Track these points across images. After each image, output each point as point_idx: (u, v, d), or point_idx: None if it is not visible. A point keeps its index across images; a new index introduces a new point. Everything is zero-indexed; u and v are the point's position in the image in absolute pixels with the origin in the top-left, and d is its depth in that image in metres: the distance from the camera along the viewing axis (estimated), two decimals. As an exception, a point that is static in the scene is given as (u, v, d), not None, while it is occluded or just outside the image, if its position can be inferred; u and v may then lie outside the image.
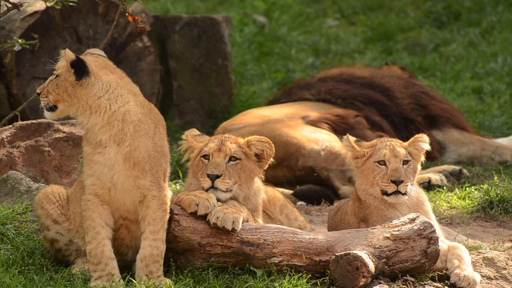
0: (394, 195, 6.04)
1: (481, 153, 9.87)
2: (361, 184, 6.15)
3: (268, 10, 15.13)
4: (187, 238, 5.75)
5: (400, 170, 6.03)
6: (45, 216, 5.93)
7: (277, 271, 5.75)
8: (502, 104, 11.98)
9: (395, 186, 6.02)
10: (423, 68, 13.65)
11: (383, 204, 6.11)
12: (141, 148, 5.56)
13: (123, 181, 5.57)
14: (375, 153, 6.12)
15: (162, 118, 5.74)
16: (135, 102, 5.62)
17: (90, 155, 5.59)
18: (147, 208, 5.61)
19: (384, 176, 6.06)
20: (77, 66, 5.56)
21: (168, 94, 11.07)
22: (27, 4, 9.31)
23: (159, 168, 5.60)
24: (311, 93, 9.87)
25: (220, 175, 5.89)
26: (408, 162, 6.08)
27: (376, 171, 6.08)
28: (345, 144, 6.22)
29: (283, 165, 8.91)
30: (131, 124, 5.57)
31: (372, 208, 6.12)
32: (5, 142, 7.43)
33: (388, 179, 6.03)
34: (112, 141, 5.56)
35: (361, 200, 6.16)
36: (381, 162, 6.09)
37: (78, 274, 5.73)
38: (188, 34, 11.06)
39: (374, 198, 6.12)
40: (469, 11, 15.41)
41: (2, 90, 9.79)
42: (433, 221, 6.07)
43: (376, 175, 6.08)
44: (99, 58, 5.72)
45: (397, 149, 6.09)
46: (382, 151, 6.09)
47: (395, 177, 6.02)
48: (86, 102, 5.57)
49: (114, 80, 5.62)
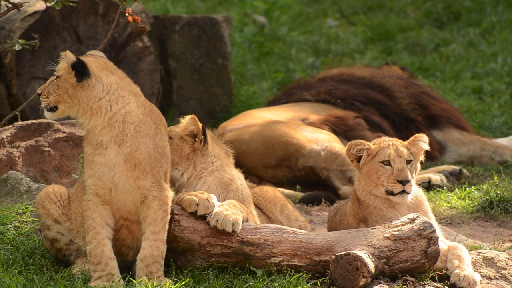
0: (400, 195, 6.04)
1: (481, 153, 9.87)
2: (363, 185, 6.14)
3: (268, 10, 15.13)
4: (187, 238, 5.75)
5: (406, 170, 6.03)
6: (46, 215, 5.93)
7: (277, 271, 5.75)
8: (502, 104, 11.97)
9: (402, 186, 6.02)
10: (423, 68, 13.65)
11: (383, 204, 6.10)
12: (142, 149, 5.56)
13: (124, 182, 5.57)
14: (379, 153, 6.11)
15: (163, 118, 5.74)
16: (136, 103, 5.62)
17: (91, 156, 5.59)
18: (148, 209, 5.61)
19: (390, 177, 6.05)
20: (78, 68, 5.56)
21: (168, 94, 11.07)
22: (27, 4, 9.31)
23: (160, 169, 5.60)
24: (311, 93, 9.87)
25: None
26: (411, 161, 6.09)
27: (380, 172, 6.07)
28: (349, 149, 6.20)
29: (283, 165, 8.91)
30: (132, 125, 5.57)
31: (371, 208, 6.12)
32: (5, 142, 7.43)
33: (395, 179, 6.03)
34: (113, 142, 5.56)
35: (360, 201, 6.16)
36: (385, 162, 6.08)
37: (78, 274, 5.73)
38: (188, 34, 11.06)
39: (375, 198, 6.12)
40: (469, 11, 15.41)
41: (2, 90, 9.79)
42: (432, 221, 6.07)
43: (381, 176, 6.07)
44: (100, 59, 5.72)
45: (401, 149, 6.09)
46: (387, 151, 6.08)
47: (402, 177, 6.02)
48: (87, 103, 5.57)
49: (114, 81, 5.62)
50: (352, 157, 6.18)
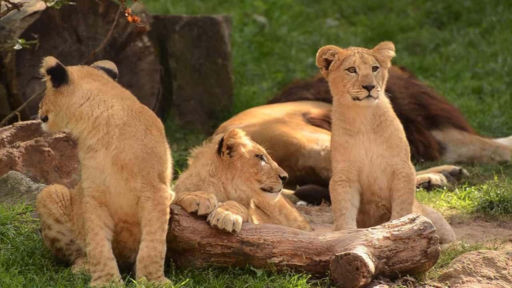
0: (366, 99, 6.12)
1: (481, 153, 9.86)
2: (333, 95, 6.26)
3: (268, 10, 15.13)
4: (187, 238, 5.75)
5: (371, 75, 6.12)
6: (47, 214, 5.95)
7: (277, 271, 5.75)
8: (502, 104, 11.97)
9: (367, 91, 6.09)
10: (423, 68, 13.65)
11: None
12: (127, 150, 5.58)
13: (115, 184, 5.60)
14: (345, 61, 6.16)
15: (156, 120, 5.74)
16: (121, 106, 5.65)
17: (84, 160, 5.67)
18: (142, 210, 5.63)
19: (355, 83, 6.11)
20: (55, 73, 5.60)
21: (168, 94, 11.07)
22: (27, 4, 9.31)
23: (150, 170, 5.61)
24: (311, 93, 9.87)
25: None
26: (377, 68, 6.16)
27: (346, 79, 6.15)
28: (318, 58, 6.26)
29: (283, 165, 8.83)
30: (116, 128, 5.60)
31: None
32: (5, 142, 7.43)
33: (360, 85, 6.08)
34: (100, 145, 5.60)
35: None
36: (351, 70, 6.16)
37: (78, 274, 5.74)
38: (188, 34, 11.06)
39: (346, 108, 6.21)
40: (469, 11, 15.41)
41: (2, 90, 9.79)
42: (401, 136, 6.23)
43: (346, 83, 6.14)
44: (85, 67, 5.78)
45: (366, 56, 6.17)
46: (352, 58, 6.16)
47: (367, 82, 6.12)
48: (68, 109, 5.62)
49: (96, 87, 5.66)
50: (322, 63, 6.24)
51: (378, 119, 6.25)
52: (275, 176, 6.01)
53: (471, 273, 5.90)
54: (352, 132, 6.28)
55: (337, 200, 6.29)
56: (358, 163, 6.27)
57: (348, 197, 6.28)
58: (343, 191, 6.27)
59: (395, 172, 6.24)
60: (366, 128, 6.25)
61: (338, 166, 6.31)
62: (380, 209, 6.36)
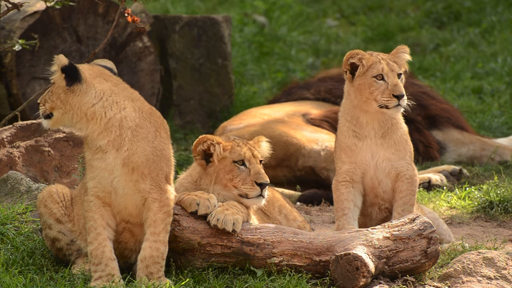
0: (394, 108, 6.11)
1: (481, 153, 9.87)
2: (353, 99, 6.19)
3: (268, 10, 15.13)
4: (187, 238, 5.75)
5: (400, 84, 6.14)
6: (48, 214, 5.94)
7: (277, 271, 5.75)
8: (502, 104, 11.98)
9: (397, 100, 6.08)
10: (423, 68, 13.65)
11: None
12: (140, 152, 5.57)
13: (124, 185, 5.59)
14: (372, 68, 6.13)
15: (164, 122, 5.74)
16: (132, 107, 5.63)
17: (91, 161, 5.62)
18: (148, 211, 5.62)
19: (384, 91, 6.09)
20: (68, 72, 5.57)
21: (168, 94, 11.07)
22: (27, 4, 9.32)
23: (159, 172, 5.61)
24: (311, 92, 9.87)
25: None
26: (401, 75, 6.16)
27: (374, 87, 6.12)
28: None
29: (283, 165, 8.91)
30: (128, 130, 5.58)
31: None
32: (5, 142, 7.43)
33: (390, 94, 6.07)
34: (111, 146, 5.58)
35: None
36: (378, 77, 6.13)
37: (78, 274, 5.73)
38: (188, 34, 11.06)
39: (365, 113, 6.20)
40: (469, 11, 15.41)
41: (2, 90, 9.79)
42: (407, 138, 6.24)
43: (374, 91, 6.11)
44: (95, 66, 5.74)
45: (391, 63, 6.15)
46: (379, 66, 6.13)
47: (398, 92, 6.10)
48: (79, 109, 5.58)
49: (108, 87, 5.63)
50: (347, 67, 6.21)
51: (389, 122, 6.23)
52: (251, 182, 5.91)
53: (471, 273, 5.90)
54: (361, 136, 6.26)
55: (340, 200, 6.28)
56: (364, 166, 6.26)
57: (350, 197, 6.27)
58: (346, 191, 6.27)
59: (399, 174, 6.23)
60: (376, 133, 6.23)
61: (344, 167, 6.29)
62: (383, 212, 6.35)
